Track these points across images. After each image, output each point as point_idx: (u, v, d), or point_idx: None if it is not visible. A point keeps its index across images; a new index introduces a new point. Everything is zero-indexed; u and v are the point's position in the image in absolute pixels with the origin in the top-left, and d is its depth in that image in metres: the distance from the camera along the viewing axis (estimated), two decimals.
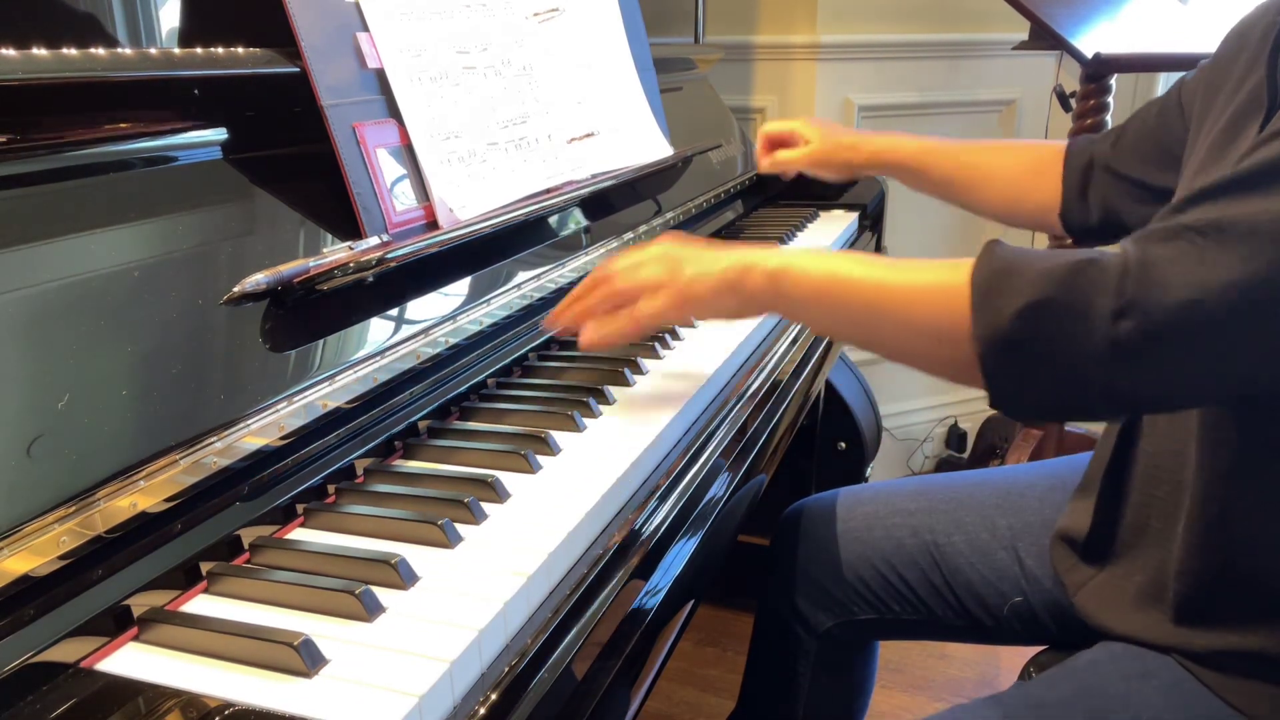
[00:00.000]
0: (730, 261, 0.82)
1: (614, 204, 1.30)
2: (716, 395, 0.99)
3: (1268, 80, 0.74)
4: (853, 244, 1.72)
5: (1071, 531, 0.94)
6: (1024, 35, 2.06)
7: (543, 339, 1.04)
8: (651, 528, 0.73)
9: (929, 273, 0.72)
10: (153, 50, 0.75)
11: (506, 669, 0.56)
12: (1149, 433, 0.86)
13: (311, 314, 0.78)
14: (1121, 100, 2.33)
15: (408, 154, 0.92)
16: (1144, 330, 0.63)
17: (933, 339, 0.72)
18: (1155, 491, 0.84)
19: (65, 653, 0.54)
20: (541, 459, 0.78)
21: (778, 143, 1.36)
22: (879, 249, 1.88)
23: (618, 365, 0.97)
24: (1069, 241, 1.16)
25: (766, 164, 1.37)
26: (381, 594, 0.60)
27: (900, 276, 0.74)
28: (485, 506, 0.70)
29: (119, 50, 0.73)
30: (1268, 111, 0.73)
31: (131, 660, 0.55)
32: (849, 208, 1.85)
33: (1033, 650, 1.02)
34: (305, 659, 0.53)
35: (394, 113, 0.92)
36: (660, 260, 0.86)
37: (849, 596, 1.14)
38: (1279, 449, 0.75)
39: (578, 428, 0.84)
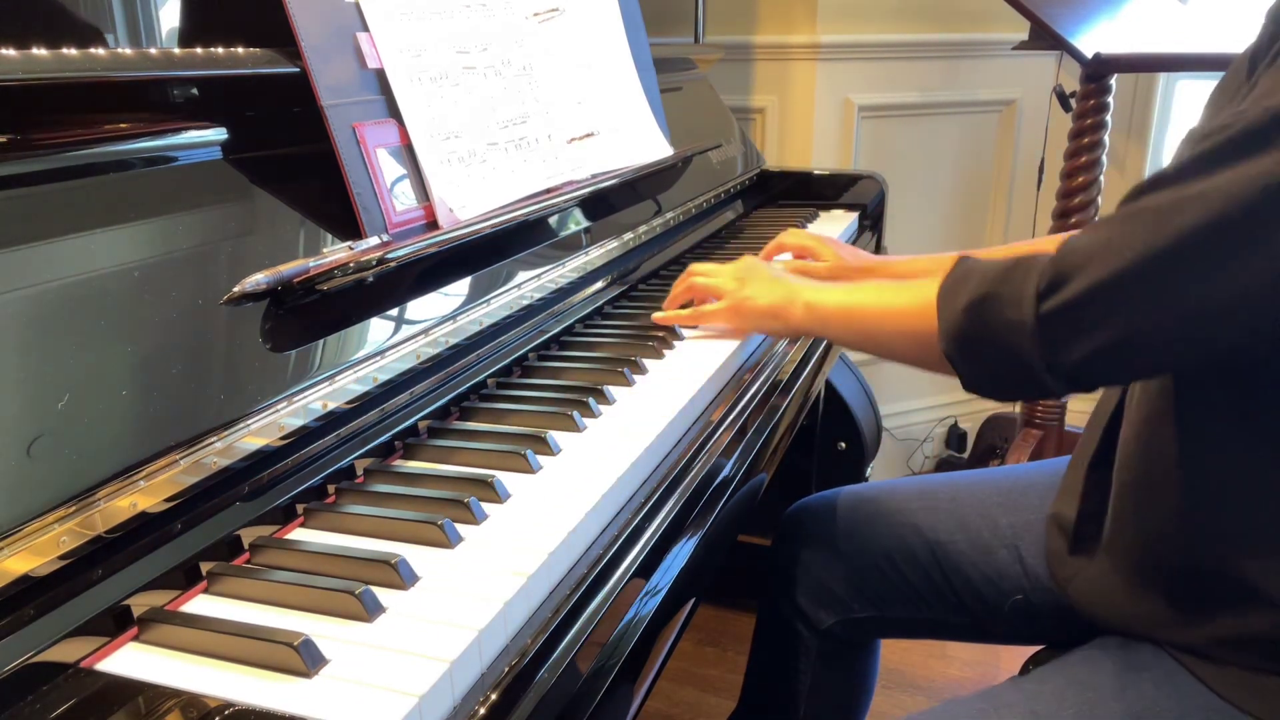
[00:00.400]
0: (779, 293, 1.02)
1: (614, 204, 1.30)
2: (717, 395, 0.99)
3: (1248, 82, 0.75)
4: (853, 243, 1.72)
5: (1061, 521, 0.95)
6: (1024, 35, 2.06)
7: (543, 339, 1.05)
8: (651, 528, 0.73)
9: (914, 291, 0.88)
10: (153, 50, 0.75)
11: (507, 669, 0.56)
12: (1129, 418, 0.86)
13: (311, 314, 0.78)
14: (1121, 100, 2.34)
15: (408, 154, 0.92)
16: (1062, 306, 0.73)
17: (917, 343, 0.86)
18: (1136, 477, 0.85)
19: (65, 653, 0.54)
20: (541, 459, 0.78)
21: (790, 253, 1.32)
22: (879, 249, 1.88)
23: (618, 365, 0.97)
24: None
25: None
26: (381, 594, 0.60)
27: (896, 298, 0.91)
28: (485, 506, 0.70)
29: (119, 50, 0.73)
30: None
31: (131, 660, 0.55)
32: (849, 208, 1.85)
33: (1033, 649, 1.02)
34: (305, 659, 0.53)
35: (394, 113, 0.92)
36: (732, 275, 1.07)
37: (850, 594, 1.14)
38: (1246, 429, 0.76)
39: (578, 428, 0.84)
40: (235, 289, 0.72)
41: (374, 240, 0.85)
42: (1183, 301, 0.68)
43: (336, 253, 0.80)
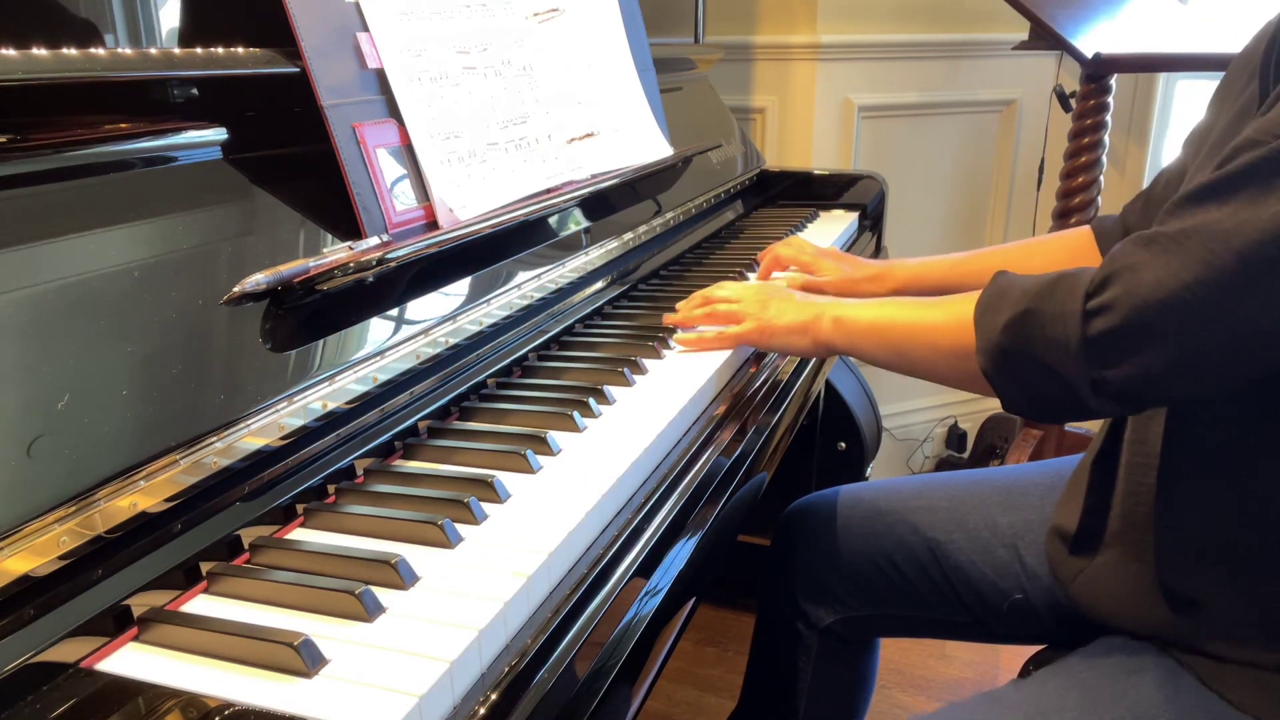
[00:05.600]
0: (804, 309, 1.00)
1: (614, 204, 1.30)
2: (717, 395, 0.99)
3: (1259, 84, 0.75)
4: (853, 244, 1.72)
5: (1065, 523, 0.95)
6: (1024, 35, 2.07)
7: (543, 339, 1.05)
8: (652, 527, 0.73)
9: (949, 306, 0.86)
10: (153, 50, 0.75)
11: (507, 669, 0.56)
12: (1136, 421, 0.86)
13: (311, 314, 0.78)
14: (1121, 100, 2.34)
15: (408, 154, 0.92)
16: (1113, 328, 0.70)
17: (952, 357, 0.85)
18: (1143, 479, 0.85)
19: (65, 653, 0.54)
20: (541, 459, 0.78)
21: (784, 267, 1.31)
22: (879, 249, 1.88)
23: (618, 365, 0.97)
24: None
25: None
26: (381, 594, 0.60)
27: (928, 313, 0.89)
28: (485, 506, 0.70)
29: (119, 50, 0.72)
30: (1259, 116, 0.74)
31: (131, 660, 0.55)
32: (849, 208, 1.85)
33: (1033, 649, 1.02)
34: (305, 659, 0.53)
35: (394, 113, 0.92)
36: (755, 296, 1.06)
37: (850, 593, 1.14)
38: (1263, 424, 0.76)
39: (578, 428, 0.84)
40: (235, 289, 0.72)
41: (374, 240, 0.85)
42: (1237, 325, 0.67)
43: (336, 253, 0.80)
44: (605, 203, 1.27)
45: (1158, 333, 0.69)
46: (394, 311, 0.86)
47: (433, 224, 0.93)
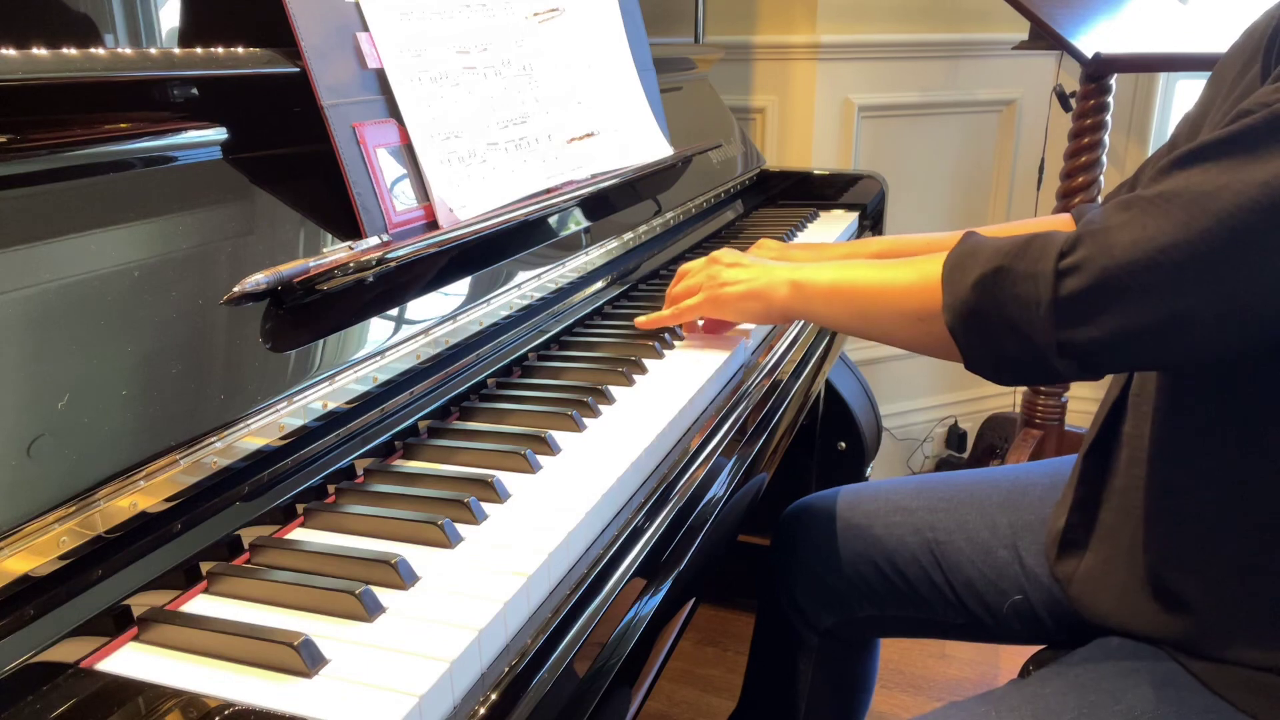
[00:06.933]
0: (757, 274, 0.97)
1: (614, 204, 1.30)
2: (716, 395, 0.99)
3: (1261, 71, 0.75)
4: None
5: (1062, 521, 0.95)
6: (1024, 35, 2.07)
7: (543, 339, 1.05)
8: (652, 528, 0.73)
9: (916, 266, 0.83)
10: (153, 50, 0.75)
11: (507, 669, 0.56)
12: (1134, 415, 0.86)
13: (311, 314, 0.78)
14: (1121, 100, 2.34)
15: (408, 154, 0.92)
16: (1085, 288, 0.69)
17: (916, 320, 0.82)
18: (1139, 474, 0.85)
19: (65, 653, 0.54)
20: (541, 459, 0.78)
21: None
22: None
23: (618, 365, 0.97)
24: None
25: None
26: (381, 594, 0.60)
27: (893, 273, 0.85)
28: (485, 506, 0.70)
29: (119, 50, 0.73)
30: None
31: (131, 660, 0.55)
32: (849, 208, 1.86)
33: (1033, 649, 1.02)
34: (305, 659, 0.53)
35: (394, 113, 0.92)
36: (705, 266, 1.04)
37: (850, 593, 1.14)
38: (1244, 429, 0.76)
39: (578, 428, 0.84)
40: (235, 289, 0.72)
41: (374, 240, 0.85)
42: (1211, 294, 0.65)
43: (336, 253, 0.80)
44: (605, 203, 1.27)
45: (1128, 294, 0.67)
46: (394, 311, 0.86)
47: (433, 224, 0.93)
